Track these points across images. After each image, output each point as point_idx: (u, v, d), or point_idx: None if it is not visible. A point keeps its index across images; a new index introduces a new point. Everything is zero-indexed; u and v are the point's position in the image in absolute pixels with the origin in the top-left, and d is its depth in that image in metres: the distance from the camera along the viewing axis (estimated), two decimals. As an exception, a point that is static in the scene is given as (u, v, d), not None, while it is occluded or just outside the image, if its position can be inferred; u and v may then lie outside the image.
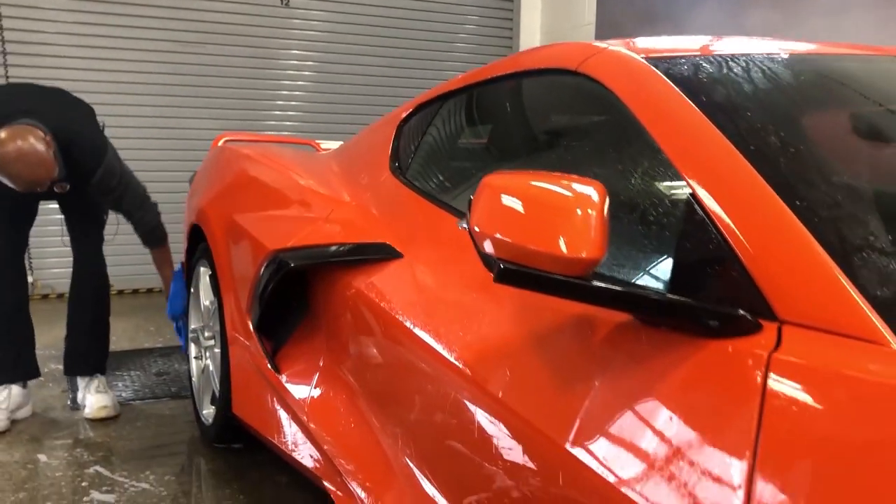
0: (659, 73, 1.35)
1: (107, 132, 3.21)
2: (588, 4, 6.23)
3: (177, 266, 3.41)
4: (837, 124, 1.32)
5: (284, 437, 2.24)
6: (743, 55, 1.46)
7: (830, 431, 0.80)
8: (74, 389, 3.32)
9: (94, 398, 3.14)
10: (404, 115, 2.29)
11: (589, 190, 1.02)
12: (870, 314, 0.88)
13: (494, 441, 1.27)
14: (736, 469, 0.84)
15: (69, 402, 3.31)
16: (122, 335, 4.44)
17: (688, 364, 0.96)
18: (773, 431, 0.83)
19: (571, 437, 1.07)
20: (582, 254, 0.97)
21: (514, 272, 1.00)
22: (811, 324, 0.92)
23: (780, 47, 1.57)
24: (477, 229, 1.08)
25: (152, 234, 3.28)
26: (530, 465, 1.17)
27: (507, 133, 1.93)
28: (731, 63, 1.41)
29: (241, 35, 5.94)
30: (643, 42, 1.61)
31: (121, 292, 5.71)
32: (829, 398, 0.82)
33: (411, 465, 1.63)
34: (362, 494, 1.80)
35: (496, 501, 1.26)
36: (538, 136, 1.82)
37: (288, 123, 6.25)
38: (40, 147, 2.70)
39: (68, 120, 2.96)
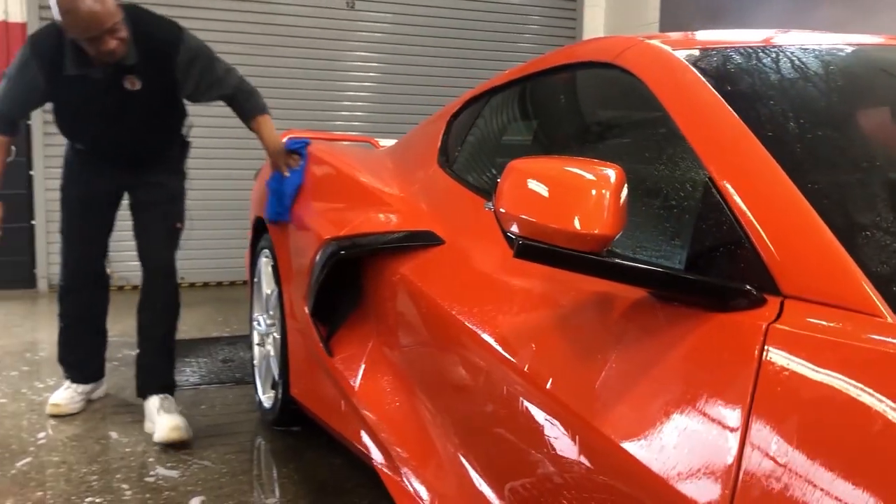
0: (686, 63, 1.40)
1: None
2: (652, 3, 6.21)
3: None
4: (855, 112, 1.35)
5: (336, 417, 2.35)
6: (772, 47, 1.49)
7: (820, 392, 0.85)
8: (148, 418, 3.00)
9: (164, 419, 2.86)
10: (454, 110, 2.37)
11: (605, 172, 1.08)
12: (868, 289, 0.92)
13: (525, 415, 1.33)
14: (732, 423, 0.89)
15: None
16: (192, 325, 4.64)
17: (695, 335, 1.02)
18: (767, 392, 0.88)
19: (592, 407, 1.13)
20: (595, 230, 1.03)
21: (532, 248, 1.07)
22: (813, 298, 0.96)
23: (816, 40, 1.59)
24: (502, 210, 1.16)
25: (255, 99, 3.03)
26: (556, 437, 1.23)
27: (548, 124, 1.99)
28: (759, 54, 1.45)
29: (308, 38, 6.12)
30: (679, 35, 1.66)
31: (192, 285, 5.94)
32: (820, 362, 0.86)
33: (454, 444, 1.71)
34: (408, 472, 1.89)
35: (528, 474, 1.33)
36: (578, 126, 1.88)
37: (355, 123, 6.40)
38: None
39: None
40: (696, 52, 1.48)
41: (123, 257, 5.59)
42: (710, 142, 1.22)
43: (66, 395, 3.16)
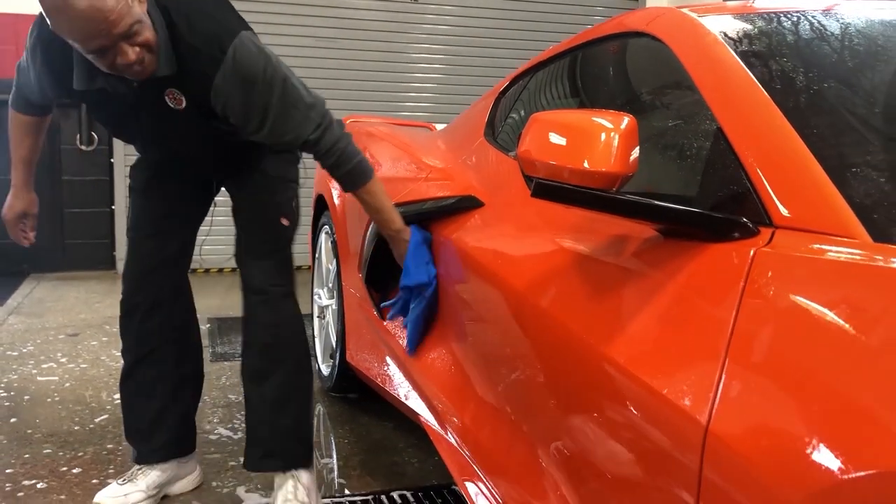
0: (707, 27, 1.48)
1: None
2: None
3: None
4: (858, 69, 1.40)
5: (387, 379, 2.48)
6: (795, 12, 1.56)
7: (796, 302, 0.93)
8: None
9: None
10: (501, 88, 2.48)
11: (615, 119, 1.18)
12: (849, 216, 1.00)
13: (551, 355, 1.44)
14: (719, 334, 0.99)
15: (210, 357, 3.70)
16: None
17: (695, 263, 1.11)
18: (750, 305, 0.97)
19: (603, 336, 1.23)
20: (603, 168, 1.14)
21: (548, 186, 1.17)
22: (802, 227, 1.04)
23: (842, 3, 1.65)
24: (523, 156, 1.26)
25: (353, 168, 2.04)
26: (574, 371, 1.33)
27: (588, 93, 2.08)
28: (780, 18, 1.52)
29: (374, 30, 6.30)
30: (711, 4, 1.74)
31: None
32: (798, 278, 0.95)
33: (496, 396, 1.82)
34: (453, 429, 2.00)
35: (554, 413, 1.43)
36: (615, 93, 1.96)
37: (420, 112, 6.55)
38: None
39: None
40: (720, 18, 1.55)
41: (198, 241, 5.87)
42: (721, 94, 1.30)
43: (122, 491, 2.18)
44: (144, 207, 2.20)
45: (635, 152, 1.20)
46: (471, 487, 1.77)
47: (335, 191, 3.07)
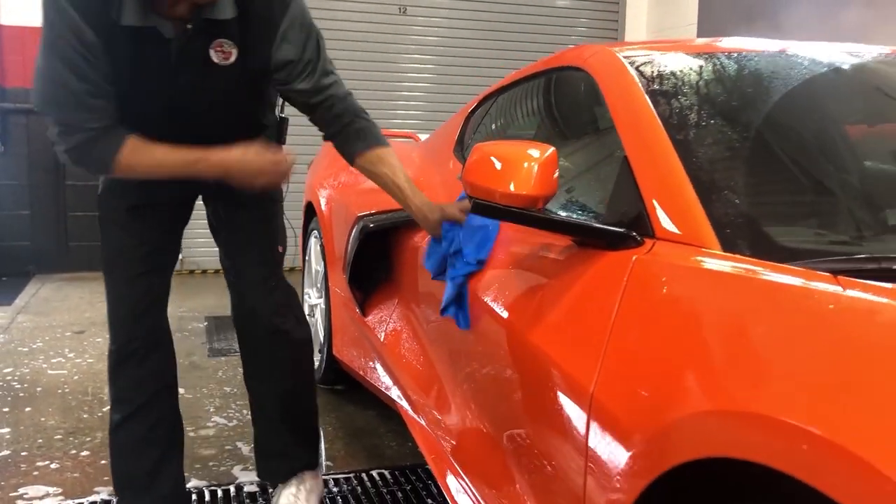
0: (627, 65, 1.76)
1: None
2: (691, 5, 6.47)
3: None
4: (743, 107, 1.69)
5: (368, 369, 2.76)
6: (705, 53, 1.84)
7: (661, 296, 1.22)
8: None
9: None
10: (470, 108, 2.76)
11: (537, 150, 1.47)
12: (711, 232, 1.28)
13: (494, 347, 1.72)
14: (604, 320, 1.27)
15: (207, 353, 3.98)
16: (254, 304, 5.13)
17: (595, 267, 1.40)
18: (627, 300, 1.25)
19: (527, 324, 1.52)
20: (524, 192, 1.42)
21: (484, 205, 1.46)
22: (675, 239, 1.32)
23: (752, 45, 1.93)
24: (466, 179, 1.55)
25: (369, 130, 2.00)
26: (512, 357, 1.62)
27: (539, 117, 2.37)
28: (689, 58, 1.81)
29: (363, 41, 6.56)
30: (636, 43, 2.02)
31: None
32: (662, 279, 1.24)
33: (459, 387, 2.09)
34: (424, 414, 2.27)
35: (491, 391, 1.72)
36: (557, 118, 2.25)
37: (410, 122, 6.81)
38: None
39: None
40: (644, 57, 1.83)
41: (196, 243, 6.11)
42: (628, 127, 1.58)
43: None
44: (129, 244, 1.97)
45: (555, 176, 1.48)
46: (439, 464, 2.05)
47: (323, 199, 3.35)
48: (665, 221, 1.35)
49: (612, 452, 1.17)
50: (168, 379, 2.12)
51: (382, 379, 2.65)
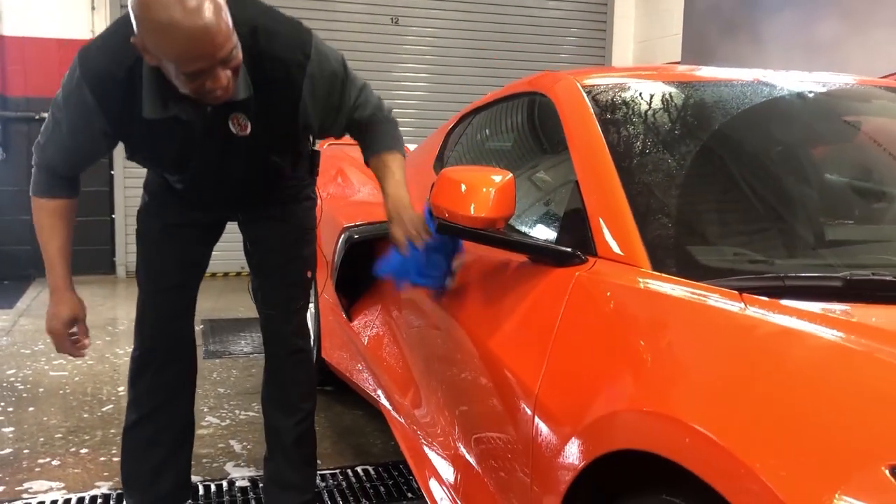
0: (584, 95, 1.93)
1: None
2: (676, 17, 6.65)
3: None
4: (686, 136, 1.86)
5: (354, 371, 2.93)
6: (660, 81, 2.01)
7: (596, 311, 1.39)
8: None
9: None
10: (451, 125, 2.93)
11: (495, 175, 1.63)
12: (643, 252, 1.45)
13: (463, 354, 1.89)
14: (548, 329, 1.44)
15: (203, 355, 4.15)
16: (249, 307, 5.29)
17: (544, 282, 1.57)
18: (568, 313, 1.43)
19: (485, 331, 1.69)
20: (482, 214, 1.58)
21: (447, 226, 1.62)
22: (614, 258, 1.49)
23: (696, 73, 2.10)
24: (433, 202, 1.71)
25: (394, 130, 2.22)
26: (472, 364, 1.79)
27: (509, 138, 2.54)
28: (642, 87, 1.98)
29: (356, 51, 6.71)
30: (609, 70, 2.19)
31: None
32: (598, 294, 1.40)
33: (433, 389, 2.25)
34: (404, 414, 2.44)
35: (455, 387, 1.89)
36: (525, 140, 2.42)
37: (402, 132, 6.96)
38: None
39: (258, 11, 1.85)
40: (602, 86, 1.99)
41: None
42: (580, 153, 1.75)
43: None
44: (165, 259, 2.13)
45: (512, 199, 1.64)
46: (416, 460, 2.22)
47: (312, 209, 3.51)
48: (606, 242, 1.52)
49: (550, 444, 1.34)
50: (186, 387, 2.27)
51: (367, 380, 2.82)
